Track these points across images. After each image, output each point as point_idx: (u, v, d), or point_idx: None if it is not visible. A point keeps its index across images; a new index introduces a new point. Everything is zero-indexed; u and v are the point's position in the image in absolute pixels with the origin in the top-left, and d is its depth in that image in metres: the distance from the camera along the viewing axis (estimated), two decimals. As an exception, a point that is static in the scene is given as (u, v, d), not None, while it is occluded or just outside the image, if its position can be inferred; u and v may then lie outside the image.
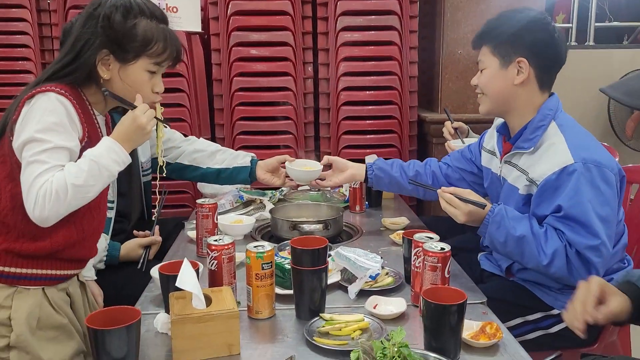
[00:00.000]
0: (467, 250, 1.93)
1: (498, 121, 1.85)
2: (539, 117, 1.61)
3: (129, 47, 1.36)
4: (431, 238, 1.37)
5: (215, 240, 1.35)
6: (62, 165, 1.28)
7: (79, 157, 1.32)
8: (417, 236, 1.38)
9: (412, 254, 1.37)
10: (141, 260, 1.86)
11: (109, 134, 1.43)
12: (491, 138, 1.88)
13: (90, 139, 1.36)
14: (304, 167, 2.07)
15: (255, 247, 1.31)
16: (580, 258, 1.47)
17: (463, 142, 2.25)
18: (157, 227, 1.98)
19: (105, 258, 1.83)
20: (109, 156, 1.31)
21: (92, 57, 1.35)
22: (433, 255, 1.27)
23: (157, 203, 1.91)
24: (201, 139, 2.22)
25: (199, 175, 2.15)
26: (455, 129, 2.35)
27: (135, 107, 1.39)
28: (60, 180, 1.25)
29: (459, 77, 2.86)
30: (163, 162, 1.68)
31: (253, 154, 2.18)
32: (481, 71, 1.69)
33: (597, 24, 4.60)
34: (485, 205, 1.54)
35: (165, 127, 1.61)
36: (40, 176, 1.25)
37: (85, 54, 1.34)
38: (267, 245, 1.32)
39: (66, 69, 1.35)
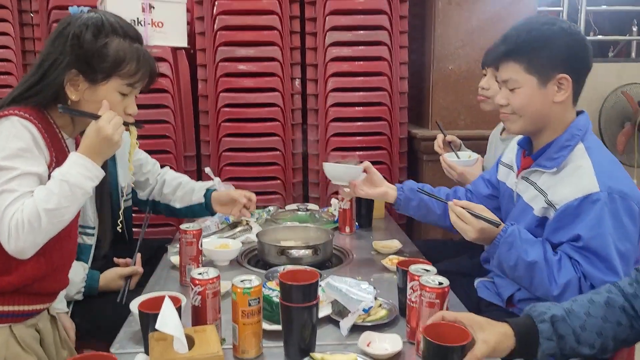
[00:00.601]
0: (463, 276, 1.86)
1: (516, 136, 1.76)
2: (567, 136, 1.51)
3: (99, 67, 1.29)
4: (428, 270, 1.30)
5: (200, 274, 1.27)
6: (31, 192, 1.20)
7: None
8: (413, 268, 1.31)
9: (408, 286, 1.31)
10: (121, 293, 1.77)
11: None
12: (511, 151, 1.78)
13: (58, 164, 1.28)
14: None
15: (242, 281, 1.23)
16: None
17: (458, 157, 2.19)
18: (138, 256, 1.90)
19: (83, 289, 1.74)
20: (79, 172, 1.23)
21: (59, 78, 1.27)
22: (431, 291, 1.20)
23: (141, 228, 1.84)
24: (169, 170, 2.13)
25: (169, 212, 2.09)
26: (449, 142, 2.29)
27: (98, 117, 1.30)
28: (31, 207, 1.17)
29: (450, 93, 2.81)
30: (132, 178, 1.61)
31: (210, 185, 2.10)
32: (511, 90, 1.54)
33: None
34: (499, 224, 1.45)
35: (139, 127, 1.49)
36: (10, 206, 1.17)
37: (52, 74, 1.27)
38: (255, 280, 1.24)
39: (31, 90, 1.28)
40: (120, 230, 1.68)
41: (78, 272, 1.72)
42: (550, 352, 1.14)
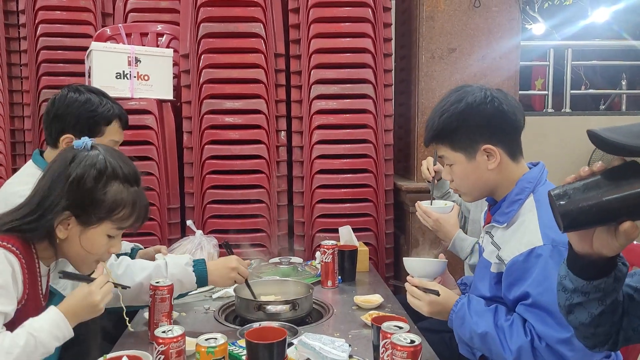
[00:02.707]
0: (447, 332, 1.80)
1: None
2: (517, 190, 1.55)
3: (93, 213, 1.30)
4: (401, 328, 1.26)
5: (164, 332, 1.23)
6: None
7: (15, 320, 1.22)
8: (385, 325, 1.27)
9: (381, 344, 1.26)
10: None
11: (48, 285, 1.36)
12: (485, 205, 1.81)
13: (28, 301, 1.27)
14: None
15: (206, 339, 1.19)
16: (553, 353, 1.35)
17: (431, 204, 2.14)
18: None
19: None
20: (51, 331, 1.22)
21: (53, 219, 1.27)
22: (402, 350, 1.16)
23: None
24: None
25: None
26: (435, 171, 2.21)
27: (91, 280, 1.30)
28: None
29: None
30: None
31: (135, 244, 2.08)
32: (450, 166, 1.63)
33: (573, 92, 4.68)
34: (439, 294, 1.48)
35: (125, 288, 1.50)
36: None
37: (48, 215, 1.27)
38: (220, 338, 1.20)
39: (26, 225, 1.27)
40: None
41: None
42: None
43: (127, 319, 1.51)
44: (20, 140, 2.93)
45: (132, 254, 1.99)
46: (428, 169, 2.22)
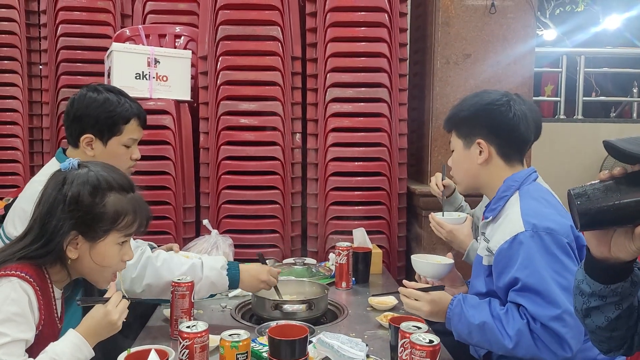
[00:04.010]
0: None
1: None
2: (503, 188, 1.67)
3: (98, 227, 1.32)
4: (419, 328, 1.28)
5: (188, 327, 1.26)
6: None
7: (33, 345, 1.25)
8: (404, 325, 1.30)
9: (399, 344, 1.29)
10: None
11: (63, 307, 1.39)
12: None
13: (44, 326, 1.30)
14: (434, 261, 1.88)
15: (230, 335, 1.22)
16: (547, 331, 1.40)
17: (443, 215, 2.15)
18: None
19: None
20: (73, 354, 1.24)
21: (61, 242, 1.30)
22: (421, 349, 1.18)
23: None
24: None
25: None
26: (444, 186, 2.22)
27: (106, 301, 1.33)
28: None
29: (449, 150, 2.81)
30: None
31: (149, 243, 2.08)
32: (452, 152, 1.82)
33: (584, 98, 4.68)
34: (444, 287, 1.58)
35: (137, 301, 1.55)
36: None
37: (54, 239, 1.29)
38: (243, 334, 1.23)
39: (34, 252, 1.29)
40: None
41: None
42: None
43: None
44: (39, 139, 2.98)
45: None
46: (437, 185, 2.23)
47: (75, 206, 1.30)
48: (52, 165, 1.87)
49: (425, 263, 1.85)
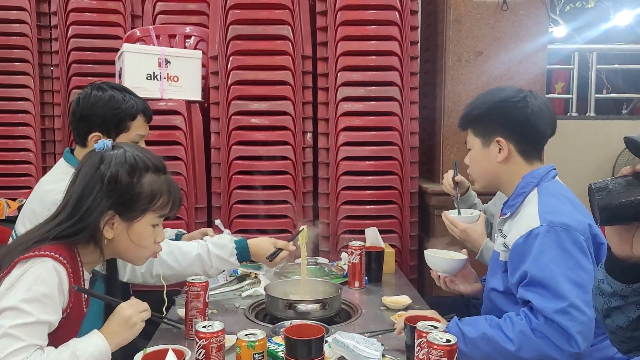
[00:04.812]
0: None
1: None
2: (522, 184, 1.67)
3: (135, 207, 1.33)
4: (435, 327, 1.27)
5: (205, 327, 1.25)
6: (37, 345, 1.19)
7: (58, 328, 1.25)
8: (421, 325, 1.29)
9: (416, 343, 1.28)
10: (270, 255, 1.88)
11: (90, 290, 1.39)
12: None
13: (72, 309, 1.30)
14: (447, 256, 1.88)
15: (246, 335, 1.22)
16: (551, 326, 1.38)
17: (459, 213, 2.14)
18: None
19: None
20: (93, 354, 1.24)
21: (97, 220, 1.30)
22: (439, 349, 1.17)
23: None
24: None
25: None
26: (457, 182, 2.20)
27: (106, 299, 1.37)
28: None
29: (460, 149, 2.82)
30: None
31: (178, 230, 2.12)
32: (469, 151, 1.80)
33: (597, 96, 4.64)
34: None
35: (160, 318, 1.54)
36: (12, 356, 1.15)
37: (89, 217, 1.30)
38: (260, 334, 1.22)
39: (68, 230, 1.29)
40: None
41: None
42: None
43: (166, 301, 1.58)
44: (50, 139, 3.00)
45: (177, 239, 2.02)
46: (449, 183, 2.22)
47: (115, 185, 1.31)
48: (60, 166, 1.88)
49: (438, 258, 1.85)
